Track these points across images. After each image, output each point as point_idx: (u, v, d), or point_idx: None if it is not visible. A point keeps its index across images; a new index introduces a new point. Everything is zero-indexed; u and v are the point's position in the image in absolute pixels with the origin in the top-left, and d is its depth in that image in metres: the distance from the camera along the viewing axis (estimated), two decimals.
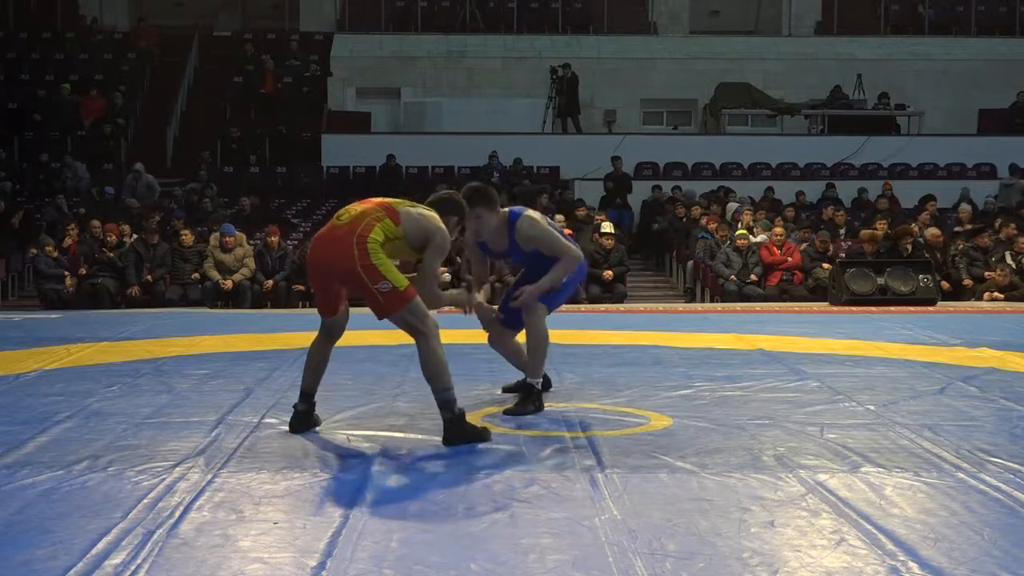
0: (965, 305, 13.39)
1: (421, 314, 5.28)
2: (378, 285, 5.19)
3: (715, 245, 15.01)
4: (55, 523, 4.01)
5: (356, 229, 5.24)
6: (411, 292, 5.26)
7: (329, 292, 5.49)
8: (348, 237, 5.23)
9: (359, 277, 5.21)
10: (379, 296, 5.22)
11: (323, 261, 5.38)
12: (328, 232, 5.39)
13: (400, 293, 5.22)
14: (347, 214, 5.36)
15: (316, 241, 5.52)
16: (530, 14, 24.64)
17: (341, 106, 22.86)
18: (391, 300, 5.22)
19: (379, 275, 5.19)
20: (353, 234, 5.23)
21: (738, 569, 3.56)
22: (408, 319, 5.27)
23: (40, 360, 7.99)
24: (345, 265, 5.23)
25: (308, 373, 5.63)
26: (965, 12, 24.87)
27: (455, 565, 3.58)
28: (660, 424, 5.76)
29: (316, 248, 5.49)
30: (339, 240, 5.26)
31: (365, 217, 5.29)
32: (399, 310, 5.24)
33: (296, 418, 5.58)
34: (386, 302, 5.23)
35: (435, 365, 5.26)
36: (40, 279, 14.48)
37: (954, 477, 4.67)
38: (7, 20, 23.69)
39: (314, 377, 5.63)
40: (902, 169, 20.90)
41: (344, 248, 5.22)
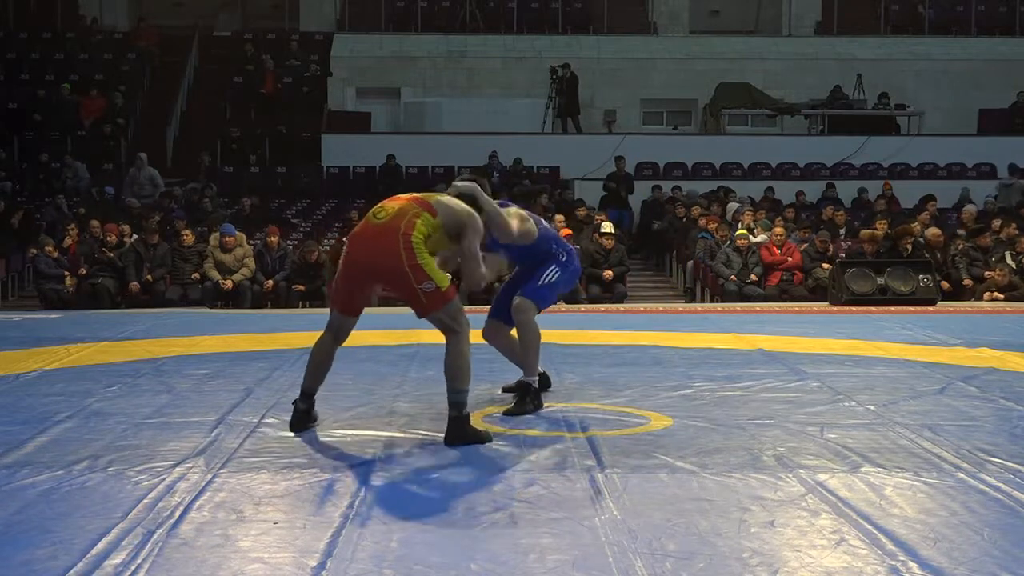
0: (965, 305, 13.39)
1: (457, 313, 5.31)
2: (423, 285, 5.19)
3: (715, 245, 15.01)
4: (55, 523, 4.01)
5: (399, 227, 5.21)
6: (452, 292, 5.28)
7: (362, 291, 5.44)
8: (393, 235, 5.19)
9: (405, 276, 5.19)
10: (422, 296, 5.21)
11: (365, 259, 5.30)
12: (368, 230, 5.32)
13: (442, 293, 5.23)
14: (384, 212, 5.31)
15: (355, 239, 5.41)
16: (530, 14, 24.64)
17: (341, 106, 22.86)
18: (434, 300, 5.23)
19: (424, 275, 5.18)
20: (398, 232, 5.19)
21: (738, 569, 3.56)
22: (445, 319, 5.28)
23: (40, 360, 7.99)
24: (391, 263, 5.19)
25: (311, 373, 5.61)
26: (965, 12, 24.88)
27: (455, 565, 3.58)
28: (660, 424, 5.76)
29: (356, 246, 5.38)
30: (383, 238, 5.21)
31: (405, 214, 5.26)
32: (439, 309, 5.25)
33: (296, 416, 5.58)
34: (428, 302, 5.23)
35: (460, 365, 5.28)
36: (40, 279, 14.48)
37: (954, 477, 4.67)
38: (7, 20, 23.69)
39: (317, 377, 5.62)
40: (902, 169, 20.91)
41: (390, 246, 5.18)
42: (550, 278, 6.21)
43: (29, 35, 23.07)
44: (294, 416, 5.58)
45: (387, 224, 5.24)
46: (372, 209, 5.46)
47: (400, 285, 5.26)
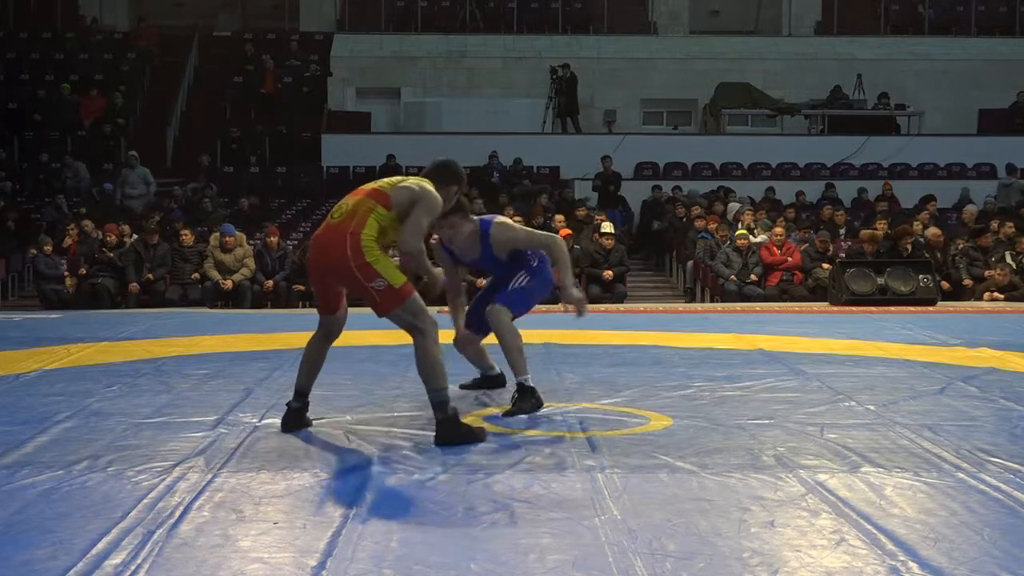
0: (965, 305, 13.39)
1: (418, 311, 5.27)
2: (373, 283, 5.19)
3: (715, 245, 15.01)
4: (55, 523, 4.01)
5: (349, 227, 5.23)
6: (408, 289, 5.25)
7: (329, 291, 5.49)
8: (342, 236, 5.23)
9: (355, 276, 5.22)
10: (375, 294, 5.22)
11: (320, 261, 5.38)
12: (324, 232, 5.38)
13: (396, 290, 5.22)
14: (339, 211, 5.34)
15: (313, 241, 5.50)
16: (530, 14, 24.64)
17: (341, 106, 22.86)
18: (387, 298, 5.23)
19: (374, 273, 5.18)
20: (346, 233, 5.22)
21: (738, 569, 3.56)
22: (405, 316, 5.27)
23: (40, 360, 7.99)
24: (341, 265, 5.23)
25: (304, 372, 5.63)
26: (965, 12, 24.88)
27: (455, 565, 3.58)
28: (660, 424, 5.76)
29: (313, 248, 5.48)
30: (334, 239, 5.26)
31: (357, 212, 5.27)
32: (396, 307, 5.25)
33: (289, 416, 5.58)
34: (382, 300, 5.24)
35: (430, 365, 5.27)
36: (40, 280, 14.48)
37: (954, 477, 4.66)
38: (7, 20, 23.69)
39: (309, 376, 5.64)
40: (902, 169, 20.91)
41: (339, 248, 5.22)
42: (521, 283, 6.24)
43: (29, 35, 23.07)
44: (286, 415, 5.59)
45: (340, 225, 5.27)
46: (334, 207, 5.48)
47: (352, 285, 5.29)
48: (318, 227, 5.58)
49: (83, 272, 14.15)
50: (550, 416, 6.00)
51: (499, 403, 6.36)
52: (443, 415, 5.25)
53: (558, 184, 19.87)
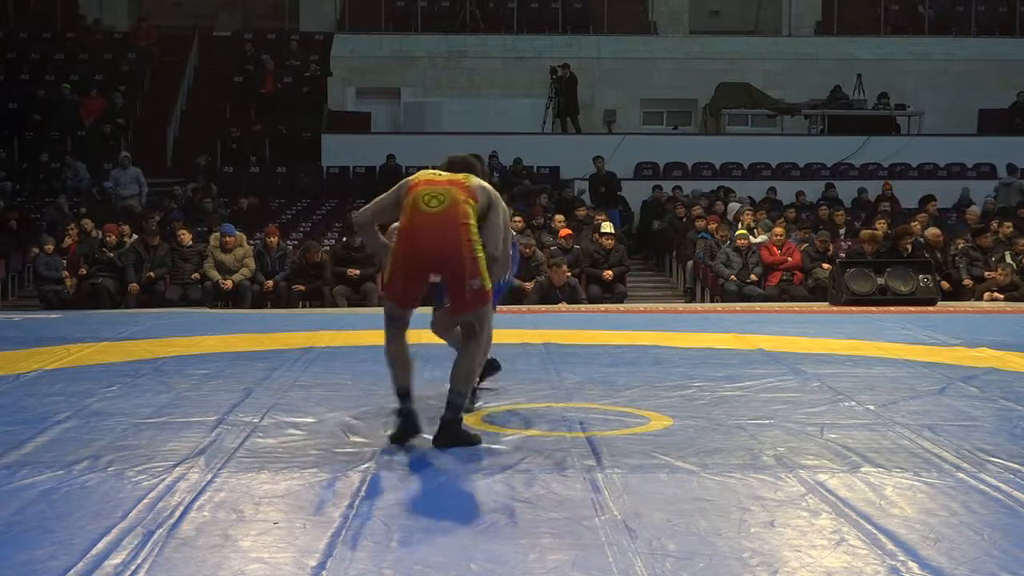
0: (965, 305, 13.38)
1: (486, 318, 5.32)
2: (473, 280, 5.15)
3: (715, 245, 15.01)
4: (55, 523, 4.01)
5: (458, 217, 5.14)
6: (490, 295, 5.28)
7: (421, 284, 5.33)
8: (455, 225, 5.12)
9: (463, 267, 5.13)
10: (468, 292, 5.17)
11: (430, 249, 5.15)
12: (427, 219, 5.14)
13: (485, 294, 5.24)
14: (437, 199, 5.17)
15: (417, 231, 5.17)
16: (530, 14, 24.64)
17: (341, 106, 22.85)
18: (476, 299, 5.21)
19: (477, 271, 5.16)
20: (458, 222, 5.13)
21: (738, 569, 3.56)
22: (475, 322, 5.28)
23: (40, 360, 7.99)
24: (455, 253, 5.12)
25: (401, 373, 5.34)
26: (965, 12, 24.87)
27: (455, 565, 3.58)
28: (660, 424, 5.76)
29: (421, 236, 5.17)
30: (446, 228, 5.13)
31: (458, 203, 5.17)
32: (478, 309, 5.25)
33: (408, 418, 5.28)
34: (471, 299, 5.20)
35: (471, 370, 5.30)
36: (40, 281, 14.47)
37: (954, 477, 4.67)
38: (7, 20, 23.69)
39: (408, 375, 5.36)
40: (902, 169, 20.91)
41: (453, 236, 5.12)
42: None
43: (29, 35, 23.06)
44: (405, 419, 5.26)
45: (447, 214, 5.14)
46: (417, 193, 5.22)
47: (455, 275, 5.17)
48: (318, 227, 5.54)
49: (83, 272, 14.14)
50: (550, 416, 6.00)
51: (499, 403, 6.36)
52: (452, 417, 5.22)
53: (558, 184, 19.86)
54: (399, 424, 5.29)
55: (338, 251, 14.27)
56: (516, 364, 7.82)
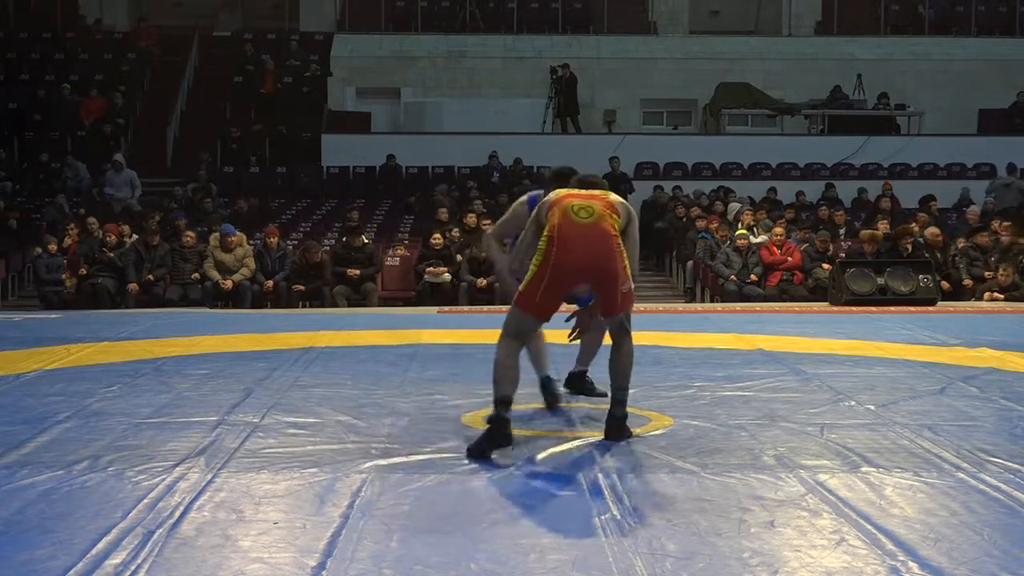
0: (965, 305, 13.38)
1: (630, 315, 5.47)
2: (624, 285, 5.31)
3: (715, 245, 15.01)
4: (55, 523, 4.01)
5: (610, 229, 5.29)
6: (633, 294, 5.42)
7: (564, 294, 5.44)
8: (608, 237, 5.28)
9: (616, 276, 5.28)
10: (620, 295, 5.32)
11: (587, 261, 5.22)
12: (580, 230, 5.21)
13: (632, 294, 5.41)
14: (586, 211, 5.29)
15: (573, 240, 5.20)
16: (530, 14, 24.63)
17: (341, 106, 22.86)
18: (626, 300, 5.36)
19: (626, 276, 5.32)
20: (610, 235, 5.28)
21: (738, 569, 3.56)
22: (625, 321, 5.42)
23: (40, 360, 7.99)
24: (608, 265, 5.25)
25: (512, 380, 5.21)
26: (965, 12, 24.87)
27: (455, 565, 3.58)
28: (660, 424, 5.76)
29: (577, 247, 5.20)
30: (602, 240, 5.26)
31: (605, 215, 5.33)
32: (628, 308, 5.40)
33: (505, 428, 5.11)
34: (623, 301, 5.35)
35: (630, 364, 5.44)
36: (41, 283, 14.46)
37: (954, 477, 4.67)
38: (7, 20, 23.69)
39: (515, 385, 5.26)
40: (902, 169, 20.91)
41: (605, 245, 5.26)
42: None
43: (29, 35, 23.06)
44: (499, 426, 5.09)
45: (598, 225, 5.27)
46: (566, 204, 5.29)
47: (608, 285, 5.32)
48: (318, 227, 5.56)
49: (83, 272, 14.14)
50: (550, 416, 6.00)
51: None
52: (623, 412, 5.42)
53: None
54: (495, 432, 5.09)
55: (338, 251, 14.27)
56: None
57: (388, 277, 14.53)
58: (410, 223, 17.46)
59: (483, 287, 13.81)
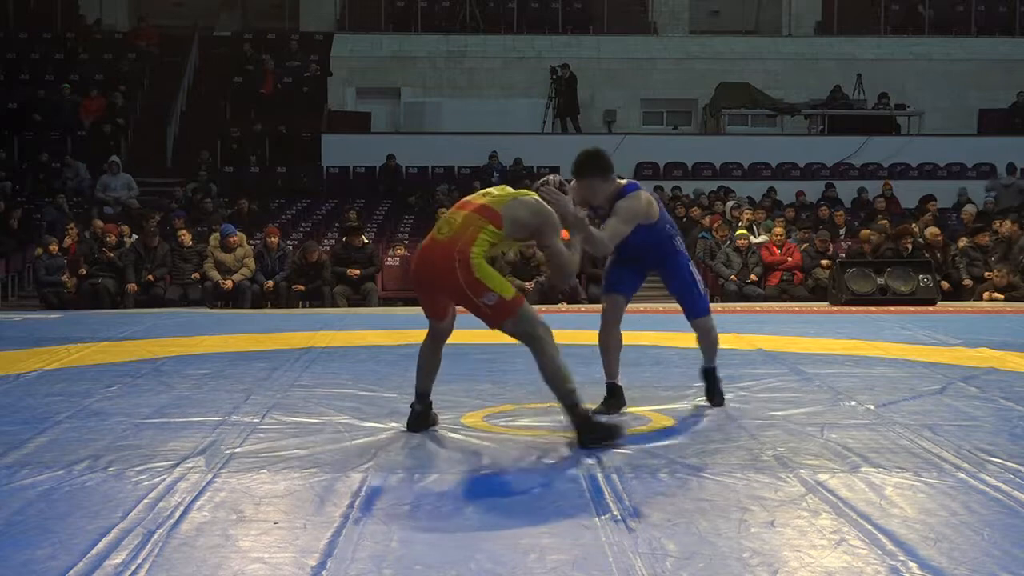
0: (965, 305, 13.39)
1: (531, 319, 5.23)
2: (483, 298, 5.14)
3: (715, 245, 15.01)
4: (55, 523, 4.01)
5: (457, 244, 5.18)
6: (518, 300, 5.22)
7: (435, 300, 5.45)
8: (450, 253, 5.17)
9: (464, 292, 5.18)
10: (487, 308, 5.18)
11: (427, 275, 5.30)
12: (430, 246, 5.29)
13: (507, 303, 5.18)
14: (448, 226, 5.26)
15: (420, 254, 5.38)
16: (530, 14, 24.64)
17: (341, 106, 22.86)
18: (499, 311, 5.19)
19: (483, 288, 5.14)
20: (454, 249, 5.16)
21: (738, 569, 3.55)
22: (520, 327, 5.23)
23: (40, 360, 7.99)
24: (449, 281, 5.18)
25: (421, 375, 5.61)
26: (965, 12, 24.88)
27: (455, 565, 3.58)
28: (660, 424, 5.76)
29: (420, 261, 5.37)
30: (440, 257, 5.20)
31: (467, 229, 5.21)
32: (508, 319, 5.21)
33: (413, 417, 5.58)
34: (494, 314, 5.20)
35: (553, 370, 5.23)
36: (41, 284, 14.46)
37: (954, 477, 4.66)
38: (7, 20, 23.69)
39: (427, 378, 5.62)
40: (902, 169, 20.91)
41: (447, 264, 5.16)
42: (696, 275, 6.45)
43: (29, 35, 23.07)
44: (411, 417, 5.58)
45: (446, 242, 5.21)
46: (440, 221, 5.41)
47: (463, 301, 5.25)
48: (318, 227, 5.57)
49: (83, 272, 14.14)
50: (550, 416, 6.00)
51: (499, 403, 6.35)
52: (578, 418, 5.21)
53: None
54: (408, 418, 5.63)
55: (338, 251, 14.28)
56: (516, 364, 7.81)
57: (388, 277, 14.53)
58: (410, 223, 17.47)
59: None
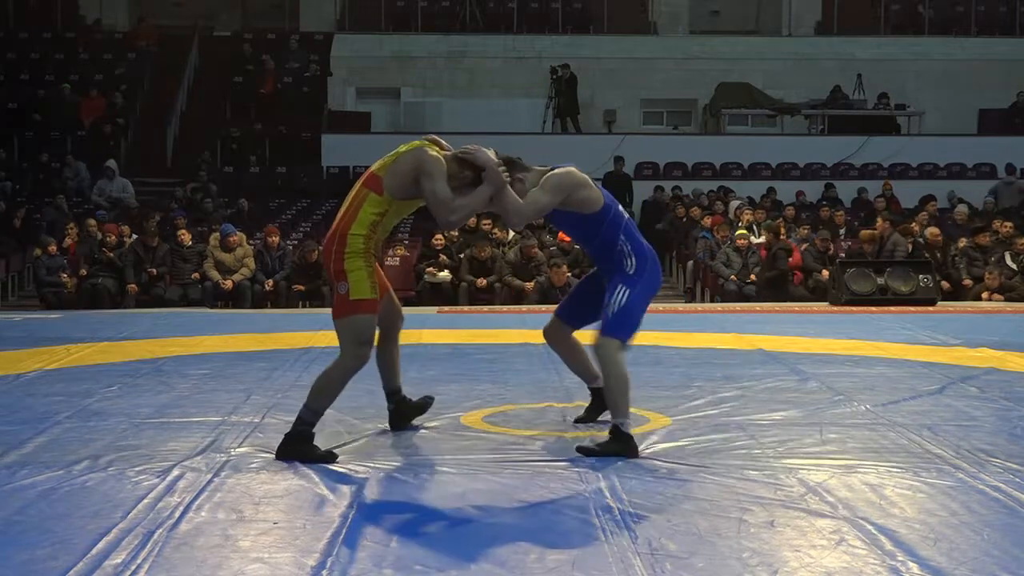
0: (965, 305, 13.38)
1: (356, 336, 5.00)
2: (338, 286, 5.03)
3: (715, 245, 15.01)
4: (55, 523, 4.01)
5: (339, 226, 5.08)
6: (363, 306, 4.97)
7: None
8: (333, 236, 5.09)
9: (332, 276, 5.09)
10: (336, 297, 5.06)
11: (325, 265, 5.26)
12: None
13: (348, 302, 4.97)
14: (342, 206, 5.19)
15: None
16: (530, 14, 24.62)
17: (341, 106, 22.85)
18: (340, 304, 5.02)
19: (342, 276, 4.99)
20: (337, 232, 5.08)
21: (738, 569, 3.56)
22: (343, 332, 5.04)
23: (40, 360, 7.99)
24: (327, 262, 5.12)
25: (382, 376, 5.62)
26: (965, 12, 24.86)
27: (455, 565, 3.58)
28: (660, 424, 5.76)
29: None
30: (328, 240, 5.14)
31: (350, 208, 5.10)
32: (342, 317, 5.02)
33: (391, 417, 5.65)
34: (336, 304, 5.05)
35: (326, 386, 5.08)
36: (41, 284, 14.45)
37: (954, 477, 4.67)
38: (7, 20, 23.67)
39: (389, 377, 5.60)
40: (902, 169, 20.91)
41: (329, 248, 5.10)
42: (620, 300, 5.21)
43: (29, 35, 23.05)
44: (390, 418, 5.66)
45: (334, 224, 5.13)
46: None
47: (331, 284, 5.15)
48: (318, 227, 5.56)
49: (83, 272, 14.14)
50: (550, 416, 6.00)
51: (499, 403, 6.36)
52: (297, 431, 4.99)
53: None
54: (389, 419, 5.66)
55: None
56: (517, 364, 7.83)
57: (388, 277, 14.50)
58: (409, 223, 17.46)
59: (483, 287, 13.81)
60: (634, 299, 5.22)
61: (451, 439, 5.42)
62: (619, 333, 5.21)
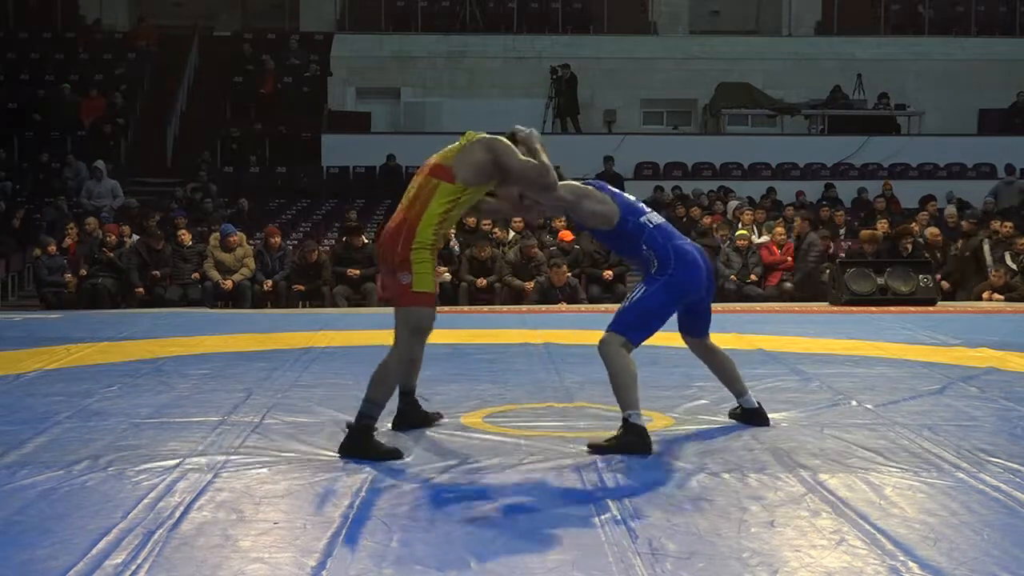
0: (965, 305, 13.39)
1: (414, 328, 5.10)
2: (400, 275, 5.05)
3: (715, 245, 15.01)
4: (55, 523, 4.01)
5: (408, 217, 5.07)
6: (423, 299, 5.06)
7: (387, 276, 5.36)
8: (399, 225, 5.08)
9: (393, 265, 5.09)
10: (399, 286, 5.08)
11: (380, 251, 5.23)
12: (391, 220, 5.23)
13: (410, 294, 5.05)
14: (405, 198, 5.16)
15: (382, 233, 5.33)
16: (530, 14, 24.63)
17: (341, 106, 22.86)
18: (403, 293, 5.07)
19: (407, 267, 5.02)
20: (404, 222, 5.07)
21: (738, 569, 3.56)
22: (404, 321, 5.13)
23: (40, 360, 7.99)
24: (389, 251, 5.11)
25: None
26: (965, 12, 24.87)
27: (455, 565, 3.58)
28: (660, 424, 5.76)
29: (379, 241, 5.33)
30: (393, 228, 5.12)
31: (420, 196, 5.09)
32: (405, 307, 5.10)
33: (396, 416, 5.62)
34: (399, 293, 5.10)
35: (383, 378, 5.14)
36: (41, 285, 14.45)
37: (954, 477, 4.66)
38: (7, 20, 23.68)
39: (408, 377, 5.61)
40: (902, 169, 20.91)
41: (395, 237, 5.08)
42: (633, 297, 5.37)
43: (29, 35, 23.06)
44: (395, 416, 5.62)
45: (399, 214, 5.12)
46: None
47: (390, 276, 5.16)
48: (318, 227, 5.55)
49: (83, 272, 14.14)
50: (550, 416, 6.00)
51: (499, 403, 6.36)
52: (360, 426, 5.05)
53: None
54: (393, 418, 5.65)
55: (338, 251, 14.28)
56: (516, 364, 7.83)
57: None
58: None
59: (483, 287, 13.82)
60: (648, 296, 5.33)
61: (451, 439, 5.42)
62: (624, 329, 5.30)
